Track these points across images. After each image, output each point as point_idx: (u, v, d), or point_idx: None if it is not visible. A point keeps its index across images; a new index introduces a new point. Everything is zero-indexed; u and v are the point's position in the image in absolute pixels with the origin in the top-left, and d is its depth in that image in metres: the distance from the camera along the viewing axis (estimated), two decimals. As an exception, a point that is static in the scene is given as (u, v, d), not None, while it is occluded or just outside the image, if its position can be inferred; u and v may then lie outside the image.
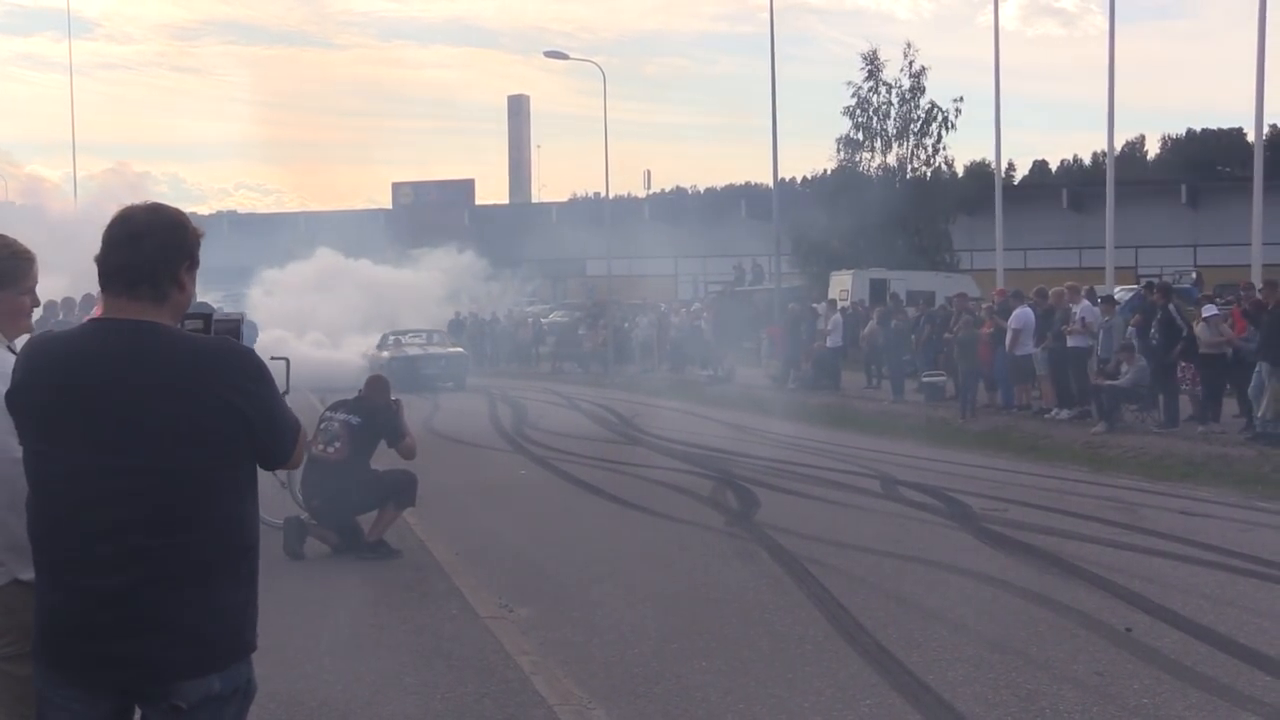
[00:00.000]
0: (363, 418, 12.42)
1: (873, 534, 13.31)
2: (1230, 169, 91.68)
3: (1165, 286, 23.52)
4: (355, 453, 12.36)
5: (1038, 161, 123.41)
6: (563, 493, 17.08)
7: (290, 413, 3.85)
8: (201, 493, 3.64)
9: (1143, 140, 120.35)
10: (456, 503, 16.14)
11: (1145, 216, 59.90)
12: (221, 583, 3.67)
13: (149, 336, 3.66)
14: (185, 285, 3.76)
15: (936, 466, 19.06)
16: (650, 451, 21.79)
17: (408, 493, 12.52)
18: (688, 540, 13.11)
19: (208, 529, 3.65)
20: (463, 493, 17.07)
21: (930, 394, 27.58)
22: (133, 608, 3.58)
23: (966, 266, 54.75)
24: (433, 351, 39.26)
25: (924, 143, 52.82)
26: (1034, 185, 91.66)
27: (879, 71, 52.58)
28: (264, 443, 3.77)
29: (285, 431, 3.83)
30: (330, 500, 12.30)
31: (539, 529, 14.12)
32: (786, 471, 18.52)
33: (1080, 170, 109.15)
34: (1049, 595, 10.29)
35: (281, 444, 3.83)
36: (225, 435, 3.67)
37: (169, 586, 3.60)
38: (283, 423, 3.81)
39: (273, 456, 3.84)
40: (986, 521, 13.92)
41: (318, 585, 11.11)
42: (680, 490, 16.72)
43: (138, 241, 3.69)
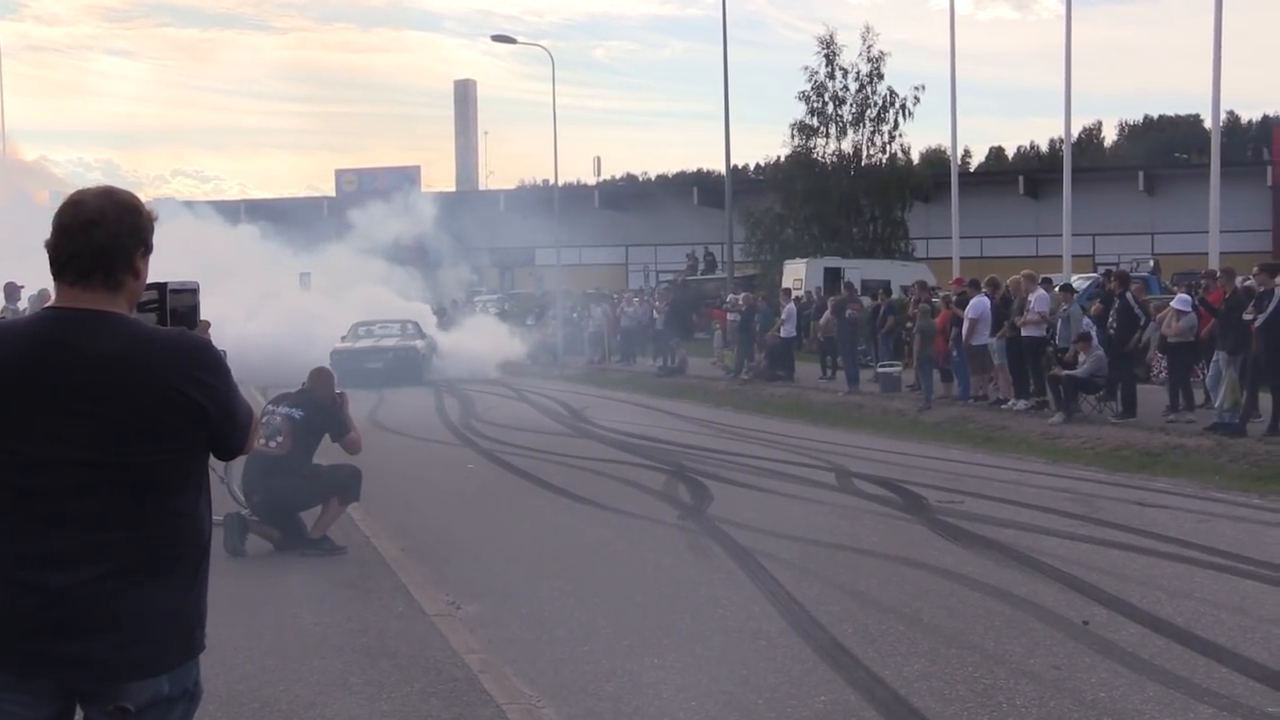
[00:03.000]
0: (306, 411, 12.36)
1: (827, 527, 13.36)
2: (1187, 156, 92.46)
3: (1123, 274, 23.74)
4: (298, 447, 12.30)
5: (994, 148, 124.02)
6: (511, 487, 17.06)
7: (245, 403, 3.84)
8: (155, 487, 3.62)
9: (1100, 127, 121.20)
10: (402, 498, 16.09)
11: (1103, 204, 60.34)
12: (175, 581, 3.65)
13: (104, 327, 3.62)
14: (140, 272, 3.71)
15: (892, 458, 19.15)
16: (601, 444, 21.79)
17: (352, 488, 12.48)
18: (639, 535, 13.12)
19: (161, 525, 3.63)
20: (409, 488, 17.02)
21: (886, 385, 27.73)
22: (83, 605, 3.53)
23: (922, 255, 55.03)
24: (383, 345, 38.48)
25: (880, 129, 52.99)
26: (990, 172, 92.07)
27: (836, 56, 52.73)
28: (222, 435, 3.76)
29: (242, 424, 3.82)
30: (272, 496, 12.25)
31: (487, 524, 14.11)
32: (739, 464, 18.57)
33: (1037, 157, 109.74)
34: (1006, 588, 10.37)
35: (237, 435, 3.83)
36: (181, 429, 3.64)
37: (121, 584, 3.56)
38: (239, 415, 3.81)
39: (229, 448, 3.84)
40: (942, 514, 14.00)
41: (259, 583, 11.06)
42: (631, 484, 16.73)
43: (91, 229, 3.63)
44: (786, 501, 15.22)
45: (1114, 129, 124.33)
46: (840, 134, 53.23)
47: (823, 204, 51.75)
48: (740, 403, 29.57)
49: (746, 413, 27.59)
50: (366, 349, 37.86)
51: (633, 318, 42.93)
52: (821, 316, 32.84)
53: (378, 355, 37.57)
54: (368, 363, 36.94)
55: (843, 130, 53.18)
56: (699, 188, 75.73)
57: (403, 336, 39.46)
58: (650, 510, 14.62)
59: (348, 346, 37.69)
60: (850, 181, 52.50)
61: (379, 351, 37.83)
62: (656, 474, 17.59)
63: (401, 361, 37.69)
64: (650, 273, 71.10)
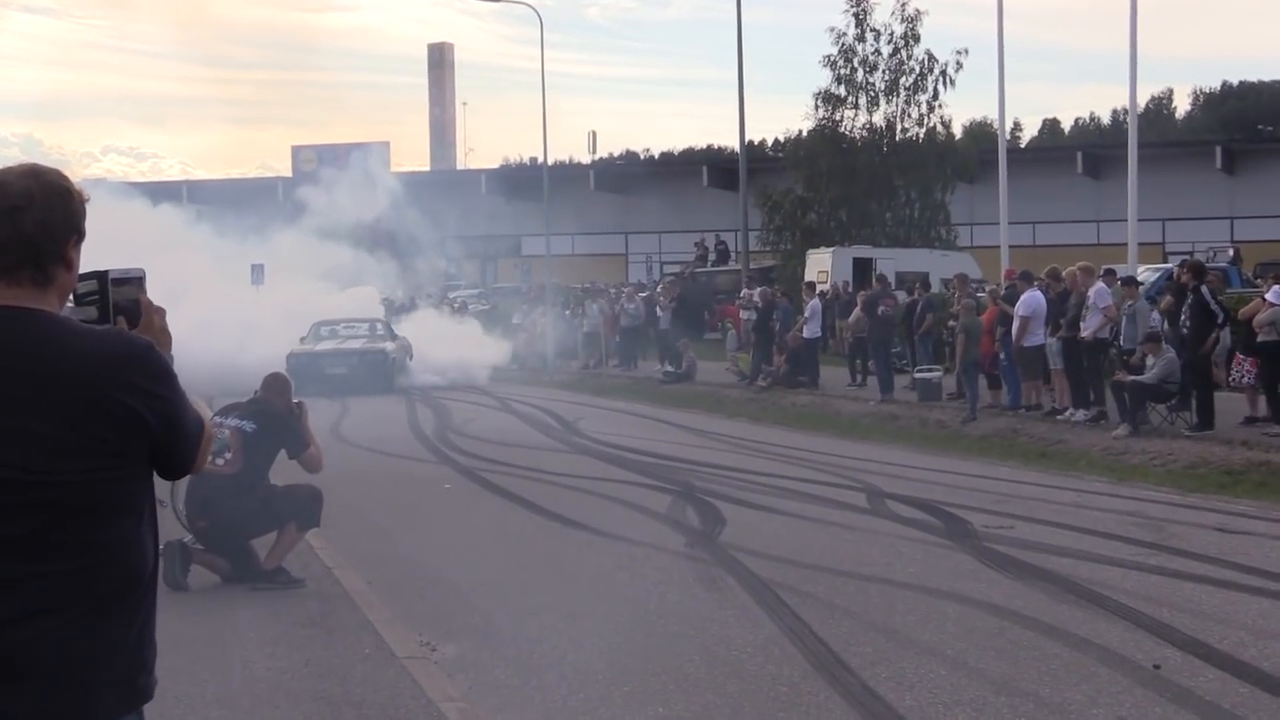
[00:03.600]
0: (258, 424, 12.34)
1: (857, 556, 13.35)
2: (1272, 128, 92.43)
3: (1198, 265, 23.69)
4: (249, 465, 12.28)
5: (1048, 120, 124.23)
6: (495, 510, 17.04)
7: (194, 413, 3.79)
8: (90, 511, 3.57)
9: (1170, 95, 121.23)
10: (369, 523, 16.07)
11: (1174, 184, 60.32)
12: (112, 619, 3.60)
13: (34, 328, 3.57)
14: (73, 263, 3.66)
15: (931, 477, 19.13)
16: (597, 461, 21.78)
17: (311, 511, 12.46)
18: (641, 565, 13.11)
19: (97, 554, 3.57)
20: (377, 511, 17.01)
21: (924, 392, 27.71)
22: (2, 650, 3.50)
23: (966, 243, 55.02)
24: (348, 347, 38.36)
25: (917, 99, 52.98)
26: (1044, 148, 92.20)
27: (866, 16, 52.76)
28: (166, 451, 3.70)
29: (190, 438, 3.77)
30: (220, 520, 12.23)
31: (466, 553, 14.09)
32: (756, 483, 18.56)
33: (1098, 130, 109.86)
34: (1063, 627, 10.35)
35: (184, 451, 3.76)
36: (121, 444, 3.59)
37: (47, 624, 3.49)
38: (188, 428, 3.75)
39: (175, 466, 3.78)
40: (990, 541, 13.98)
41: (204, 621, 11.04)
42: (632, 506, 16.72)
43: (17, 216, 3.56)
44: (810, 526, 15.20)
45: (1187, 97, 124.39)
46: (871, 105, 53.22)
47: (851, 185, 51.71)
48: (757, 413, 29.57)
49: (764, 424, 27.58)
50: (328, 352, 37.69)
51: (634, 316, 42.91)
52: (850, 314, 32.83)
53: (341, 359, 37.43)
54: (330, 367, 36.83)
55: (874, 101, 53.17)
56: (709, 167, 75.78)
57: (371, 338, 39.32)
58: (654, 536, 14.61)
59: (307, 349, 37.55)
60: (883, 159, 52.45)
61: (342, 355, 37.68)
62: (661, 495, 17.58)
63: (368, 366, 37.52)
64: (653, 264, 71.18)
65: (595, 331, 44.24)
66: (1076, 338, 23.32)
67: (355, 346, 38.42)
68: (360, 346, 38.44)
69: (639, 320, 42.84)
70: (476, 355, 41.55)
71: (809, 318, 32.87)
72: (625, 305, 43.35)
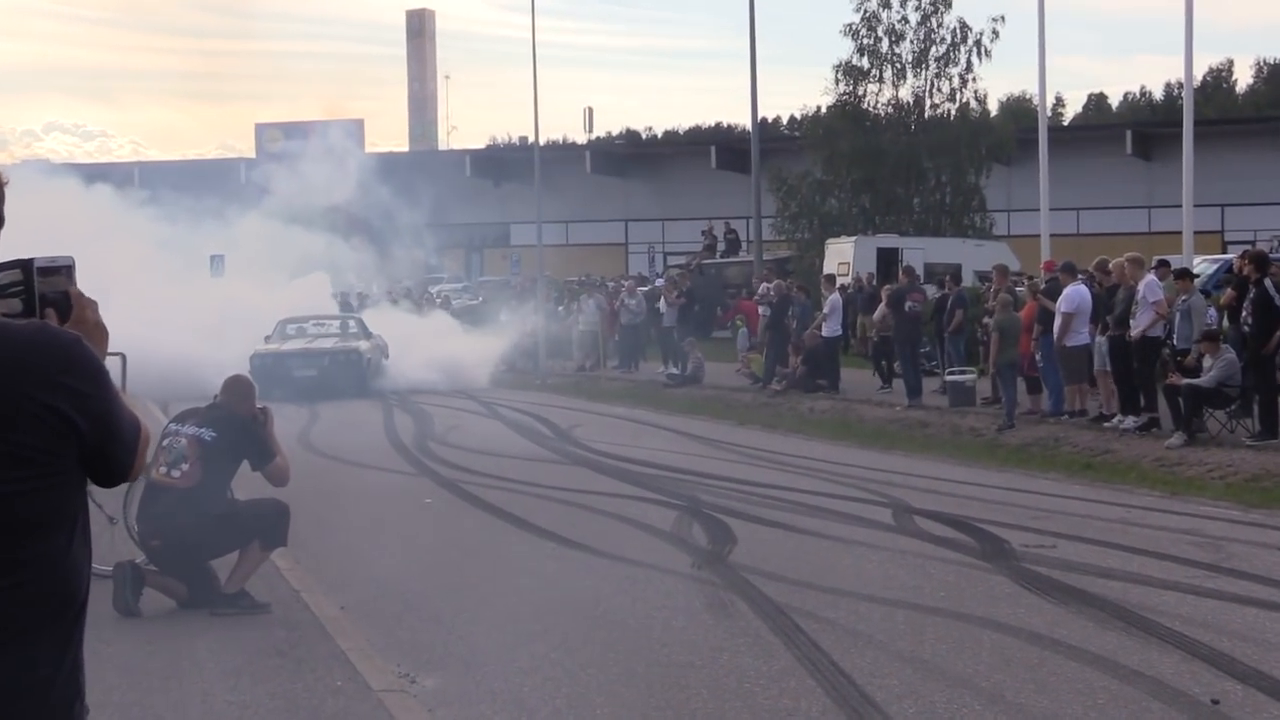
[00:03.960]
0: (219, 432, 12.33)
1: (882, 578, 13.35)
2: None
3: (1260, 255, 23.63)
4: (208, 477, 12.26)
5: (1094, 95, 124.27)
6: (480, 527, 17.05)
7: (130, 414, 3.78)
8: (13, 526, 3.57)
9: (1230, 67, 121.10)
10: (341, 541, 16.07)
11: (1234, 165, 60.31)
12: (38, 648, 3.59)
13: None
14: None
15: (964, 490, 19.14)
16: (594, 473, 21.78)
17: (277, 529, 12.44)
18: (643, 588, 13.11)
19: (23, 574, 3.57)
20: (350, 528, 17.00)
21: (956, 397, 27.70)
22: None
23: (1002, 232, 55.03)
24: (318, 346, 38.29)
25: (948, 72, 53.02)
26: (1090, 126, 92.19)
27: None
28: (98, 456, 3.68)
29: (125, 440, 3.75)
30: (175, 539, 12.21)
31: (449, 575, 14.09)
32: (770, 498, 18.57)
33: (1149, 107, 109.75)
34: (1111, 657, 10.34)
35: (120, 455, 3.75)
36: (48, 450, 3.58)
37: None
38: (123, 430, 3.73)
39: (109, 471, 3.76)
40: (1029, 561, 13.98)
41: (160, 651, 11.03)
42: (633, 523, 16.73)
43: None
44: (830, 545, 15.20)
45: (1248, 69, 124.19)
46: (897, 78, 53.32)
47: (875, 167, 51.78)
48: (771, 420, 29.57)
49: (779, 432, 27.59)
50: (297, 352, 37.58)
51: (635, 312, 42.85)
52: (874, 310, 32.82)
53: (310, 360, 37.33)
54: (298, 369, 36.76)
55: (900, 74, 53.26)
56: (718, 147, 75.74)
57: (343, 336, 39.26)
58: (657, 557, 14.61)
59: (272, 349, 37.47)
60: (910, 139, 52.53)
61: (312, 355, 37.57)
62: (665, 510, 17.59)
63: (341, 367, 37.46)
64: (656, 255, 71.16)
65: (592, 330, 44.23)
66: (1125, 336, 23.29)
67: (326, 346, 38.33)
68: (332, 346, 38.36)
69: (640, 317, 42.77)
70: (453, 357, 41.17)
71: (828, 314, 32.86)
72: (625, 300, 43.30)
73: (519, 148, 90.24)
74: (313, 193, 52.17)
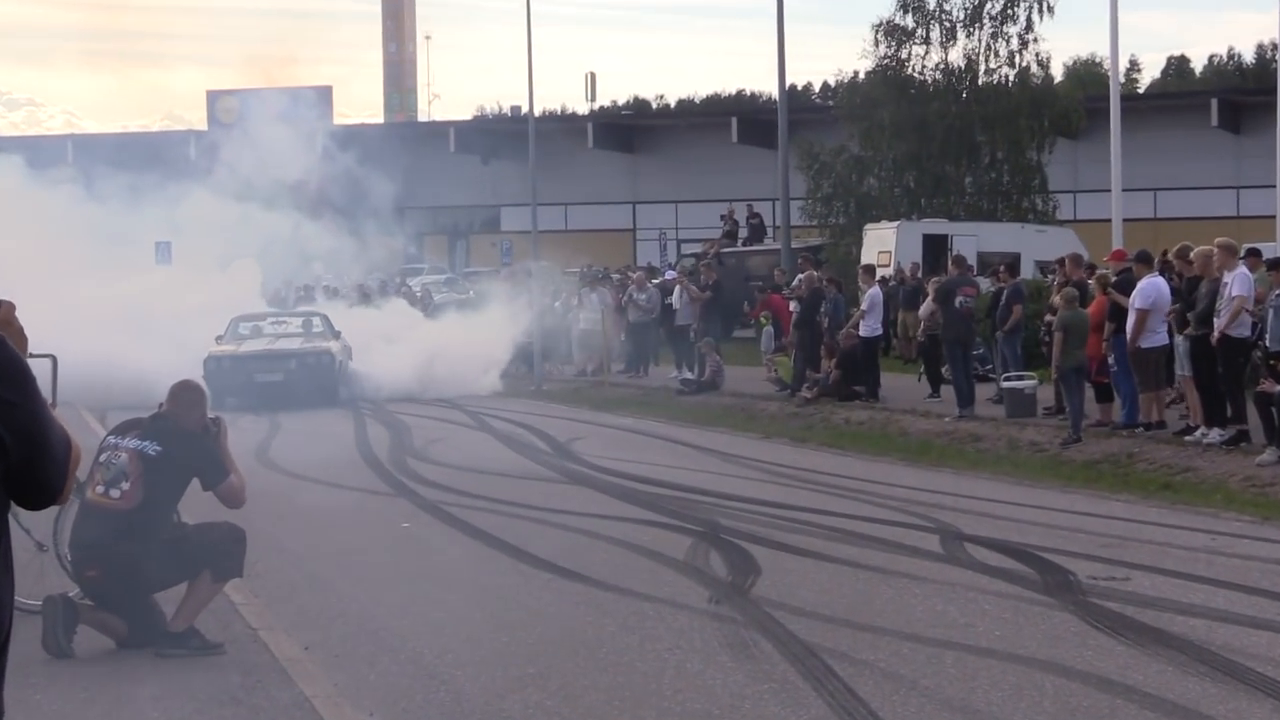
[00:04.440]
0: (164, 446, 12.31)
1: (928, 615, 13.35)
2: None
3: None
4: (152, 497, 12.25)
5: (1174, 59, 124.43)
6: (466, 555, 17.05)
7: (60, 427, 3.77)
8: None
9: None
10: (306, 572, 16.08)
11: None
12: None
13: None
14: None
15: (1023, 514, 19.11)
16: (597, 493, 21.78)
17: (231, 558, 12.44)
18: (653, 626, 13.11)
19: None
20: (316, 556, 17.01)
21: (1014, 406, 27.67)
22: None
23: (1067, 216, 55.02)
24: (281, 348, 38.00)
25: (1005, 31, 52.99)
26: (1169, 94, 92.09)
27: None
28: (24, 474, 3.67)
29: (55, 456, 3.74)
30: (114, 569, 12.20)
31: (430, 610, 14.09)
32: (799, 522, 18.56)
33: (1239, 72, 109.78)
34: (1193, 706, 10.33)
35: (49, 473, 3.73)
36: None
37: None
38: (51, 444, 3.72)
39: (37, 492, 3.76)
40: (1097, 596, 13.97)
41: (97, 699, 11.03)
42: (641, 551, 16.74)
43: None
44: (869, 577, 15.19)
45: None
46: (947, 39, 53.30)
47: (921, 142, 51.77)
48: (800, 432, 29.55)
49: (809, 447, 27.55)
50: (259, 354, 37.23)
51: (645, 308, 42.76)
52: (919, 306, 32.80)
53: (276, 363, 37.11)
54: (261, 374, 36.58)
55: (950, 34, 53.24)
56: (739, 119, 75.78)
57: (308, 335, 39.00)
58: (669, 590, 14.61)
59: (229, 351, 37.30)
60: (961, 109, 52.50)
61: (277, 358, 37.35)
62: (678, 537, 17.60)
63: (310, 372, 37.35)
64: (669, 242, 71.17)
65: (594, 328, 44.07)
66: (1209, 336, 23.28)
67: (292, 347, 38.17)
68: (299, 347, 38.20)
69: (651, 314, 42.68)
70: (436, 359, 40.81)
71: (867, 311, 32.83)
72: (633, 295, 43.21)
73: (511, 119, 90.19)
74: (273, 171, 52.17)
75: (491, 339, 42.89)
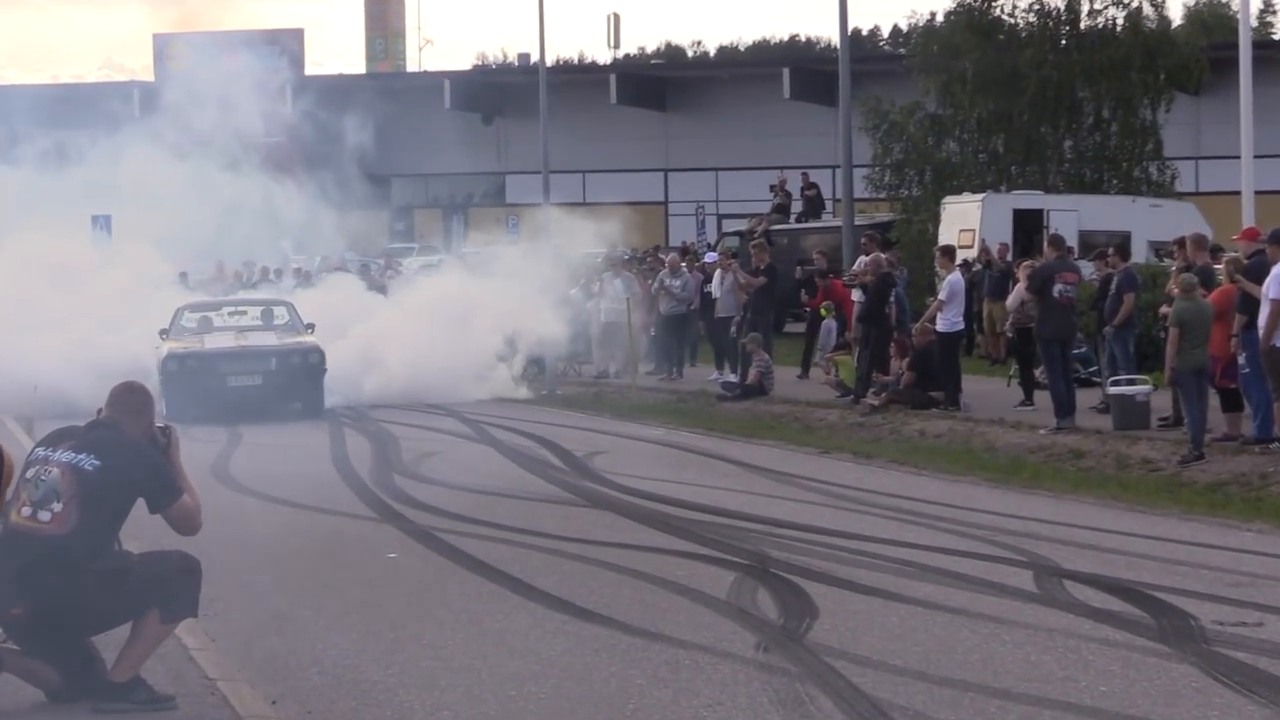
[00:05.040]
0: (104, 459, 12.28)
1: (1020, 666, 13.35)
2: None
3: None
4: (89, 521, 12.22)
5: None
6: (464, 592, 17.08)
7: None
8: None
9: None
10: (273, 610, 16.11)
11: None
12: None
13: None
14: None
15: (1134, 545, 19.12)
16: (621, 518, 21.83)
17: (184, 593, 12.42)
18: (690, 677, 13.13)
19: None
20: (285, 592, 17.05)
21: (1123, 415, 27.62)
22: None
23: (1188, 188, 54.96)
24: (256, 345, 37.14)
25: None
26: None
27: None
28: None
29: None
30: (44, 606, 12.19)
31: (422, 657, 14.11)
32: (864, 554, 18.62)
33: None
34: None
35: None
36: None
37: None
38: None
39: None
40: (1225, 644, 13.96)
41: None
42: (675, 587, 16.77)
43: None
44: (947, 620, 15.20)
45: None
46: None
47: (1011, 98, 51.71)
48: (865, 446, 29.55)
49: (876, 464, 27.55)
50: (229, 353, 36.68)
51: (679, 297, 42.70)
52: (1008, 295, 32.78)
53: (252, 362, 36.54)
54: (234, 376, 35.87)
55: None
56: (792, 71, 75.84)
57: (282, 329, 37.87)
58: (709, 634, 14.64)
59: (192, 349, 36.59)
60: (1060, 59, 52.45)
61: (252, 356, 36.79)
62: (719, 571, 17.64)
63: (294, 374, 36.66)
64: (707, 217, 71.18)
65: (618, 321, 44.05)
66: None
67: (269, 344, 37.51)
68: (279, 344, 37.48)
69: (687, 304, 42.61)
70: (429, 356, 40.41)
71: (946, 301, 32.79)
72: (665, 281, 43.18)
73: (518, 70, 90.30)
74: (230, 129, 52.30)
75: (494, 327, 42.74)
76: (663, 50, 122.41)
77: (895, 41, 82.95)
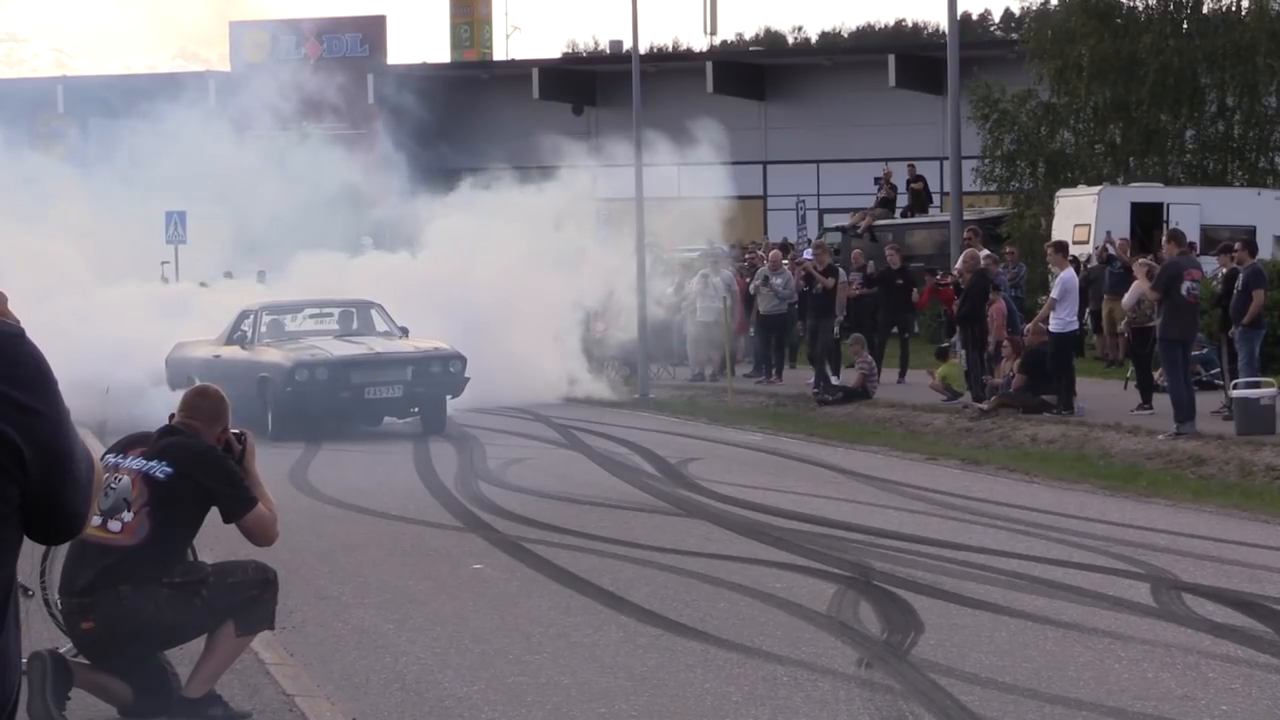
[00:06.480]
0: (176, 467, 12.31)
1: (1136, 684, 13.31)
2: None
3: None
4: (162, 531, 12.27)
5: None
6: (552, 605, 17.08)
7: (83, 443, 3.76)
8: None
9: None
10: (352, 623, 16.16)
11: None
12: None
13: None
14: None
15: (1260, 557, 19.02)
16: (716, 527, 21.80)
17: (260, 606, 12.46)
18: (789, 694, 13.14)
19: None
20: (365, 605, 17.09)
21: (1248, 420, 27.48)
22: None
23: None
24: (392, 351, 34.82)
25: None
26: None
27: None
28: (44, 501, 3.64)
29: (79, 480, 3.70)
30: (115, 620, 12.23)
31: (508, 673, 14.14)
32: (972, 565, 18.61)
33: None
34: None
35: (71, 498, 3.70)
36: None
37: None
38: (76, 463, 3.69)
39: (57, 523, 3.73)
40: (1355, 662, 13.90)
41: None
42: (773, 600, 16.76)
43: None
44: (1059, 636, 15.16)
45: None
46: (1163, -45, 53.08)
47: (1129, 86, 51.48)
48: (973, 453, 29.44)
49: (985, 471, 27.45)
50: (363, 359, 34.51)
51: (780, 296, 42.60)
52: (1127, 294, 32.66)
53: (391, 369, 34.45)
54: (372, 387, 34.09)
55: (1166, -51, 53.03)
56: (898, 58, 75.58)
57: (386, 335, 36.04)
58: (808, 649, 14.63)
59: (321, 356, 34.29)
60: (1181, 44, 52.20)
61: (390, 363, 34.61)
62: (820, 583, 17.63)
63: (435, 381, 34.72)
64: (808, 212, 71.02)
65: (714, 320, 44.01)
66: None
67: (405, 350, 35.29)
68: (416, 350, 35.29)
69: (787, 303, 42.52)
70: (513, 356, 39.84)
71: (1059, 299, 32.66)
72: (766, 278, 43.11)
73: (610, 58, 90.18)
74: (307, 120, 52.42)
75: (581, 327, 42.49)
76: (761, 37, 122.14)
77: (1007, 26, 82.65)
